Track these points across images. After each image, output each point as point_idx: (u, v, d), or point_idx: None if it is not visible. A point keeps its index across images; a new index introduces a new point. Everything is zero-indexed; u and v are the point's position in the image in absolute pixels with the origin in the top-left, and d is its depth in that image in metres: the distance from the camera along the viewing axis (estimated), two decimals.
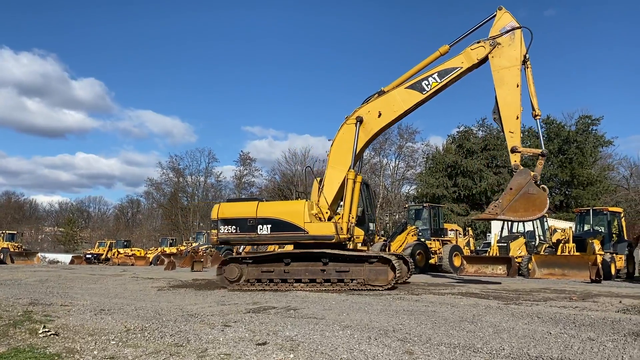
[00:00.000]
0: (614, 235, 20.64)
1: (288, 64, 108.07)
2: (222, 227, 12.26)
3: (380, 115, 12.11)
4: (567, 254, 18.30)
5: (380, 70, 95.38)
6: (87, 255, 42.90)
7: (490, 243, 22.00)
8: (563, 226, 23.82)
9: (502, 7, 11.91)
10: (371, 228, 13.57)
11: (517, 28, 11.68)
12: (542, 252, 20.10)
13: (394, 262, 10.94)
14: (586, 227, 21.35)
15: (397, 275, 10.97)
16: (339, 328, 5.80)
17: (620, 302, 9.30)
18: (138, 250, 42.26)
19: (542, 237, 22.29)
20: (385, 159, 48.83)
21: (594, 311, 7.77)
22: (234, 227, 12.19)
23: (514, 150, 11.13)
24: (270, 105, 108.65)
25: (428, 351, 4.61)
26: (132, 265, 34.95)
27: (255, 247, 22.49)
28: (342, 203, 12.18)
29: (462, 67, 11.90)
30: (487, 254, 20.59)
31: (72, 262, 42.13)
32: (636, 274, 18.82)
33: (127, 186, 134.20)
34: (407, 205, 31.09)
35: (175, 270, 23.74)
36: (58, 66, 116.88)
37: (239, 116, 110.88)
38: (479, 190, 41.18)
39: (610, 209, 22.30)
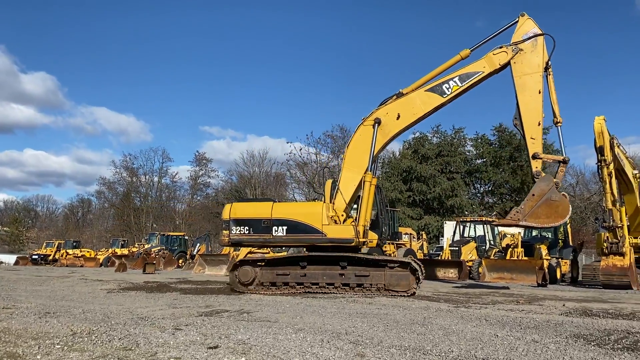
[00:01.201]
0: (559, 240, 21.46)
1: (249, 63, 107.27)
2: (234, 228, 11.88)
3: (399, 117, 11.93)
4: (515, 258, 18.89)
5: (347, 72, 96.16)
6: (34, 256, 41.32)
7: (442, 247, 22.48)
8: (512, 231, 24.56)
9: (525, 13, 11.80)
10: (385, 231, 13.40)
11: (540, 35, 11.52)
12: (492, 257, 20.68)
13: (415, 267, 10.83)
14: (534, 233, 22.09)
15: (420, 280, 10.94)
16: (292, 331, 5.80)
17: (563, 305, 9.66)
18: (88, 251, 40.90)
19: (492, 242, 22.95)
20: None
21: (539, 314, 8.05)
22: (247, 228, 11.82)
23: (535, 157, 10.96)
24: (230, 105, 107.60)
25: (379, 353, 4.67)
26: (82, 266, 33.89)
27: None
28: (356, 206, 11.98)
29: (483, 72, 11.78)
30: (439, 258, 21.03)
31: (16, 263, 40.43)
32: (580, 278, 19.57)
33: (78, 185, 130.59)
34: None
35: (127, 272, 23.21)
36: (7, 58, 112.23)
37: (197, 115, 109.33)
38: (433, 195, 42.07)
39: None
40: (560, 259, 20.06)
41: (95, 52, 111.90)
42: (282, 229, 11.52)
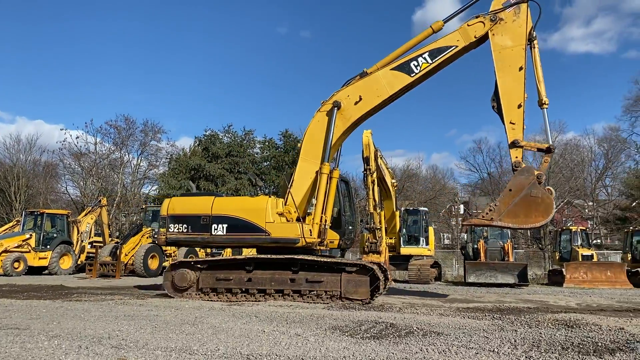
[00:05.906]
0: None
1: (26, 34, 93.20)
2: (171, 226, 10.63)
3: (360, 99, 10.67)
4: None
5: (141, 59, 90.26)
6: None
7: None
8: None
9: None
10: (350, 231, 12.16)
11: (523, 1, 10.07)
12: None
13: (376, 271, 9.68)
14: None
15: (382, 286, 9.79)
16: (45, 338, 5.27)
17: None
18: None
19: None
20: (127, 155, 46.27)
21: (304, 309, 8.67)
22: (185, 225, 10.59)
23: (515, 145, 9.43)
24: None
25: (143, 357, 4.51)
26: None
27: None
28: (314, 201, 10.69)
29: (457, 46, 10.40)
30: (220, 256, 21.21)
31: None
32: None
33: None
34: (144, 206, 30.07)
35: None
36: None
37: None
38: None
39: None
40: None
41: None
42: (222, 227, 10.46)
